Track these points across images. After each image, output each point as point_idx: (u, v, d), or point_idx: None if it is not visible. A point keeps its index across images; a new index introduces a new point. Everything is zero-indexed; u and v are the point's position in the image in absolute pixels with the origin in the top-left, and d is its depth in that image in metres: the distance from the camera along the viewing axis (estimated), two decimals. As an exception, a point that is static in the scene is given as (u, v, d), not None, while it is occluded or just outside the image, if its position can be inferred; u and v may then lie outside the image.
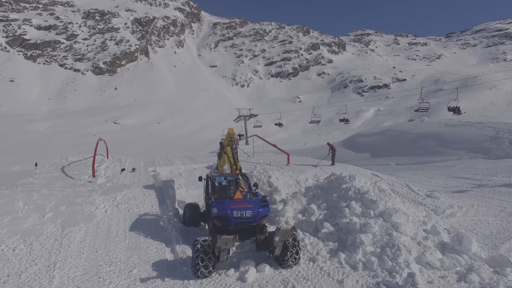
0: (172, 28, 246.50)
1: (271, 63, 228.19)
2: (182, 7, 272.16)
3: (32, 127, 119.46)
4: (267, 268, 7.40)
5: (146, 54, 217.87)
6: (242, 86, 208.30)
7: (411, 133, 42.83)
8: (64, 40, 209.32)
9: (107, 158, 22.13)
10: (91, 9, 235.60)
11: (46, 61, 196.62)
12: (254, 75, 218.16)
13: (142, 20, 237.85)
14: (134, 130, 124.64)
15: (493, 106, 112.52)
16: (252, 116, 46.77)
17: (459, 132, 36.86)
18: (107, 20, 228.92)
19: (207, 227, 9.77)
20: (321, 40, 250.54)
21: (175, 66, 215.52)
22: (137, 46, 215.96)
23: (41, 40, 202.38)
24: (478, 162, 25.95)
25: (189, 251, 8.06)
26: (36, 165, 47.19)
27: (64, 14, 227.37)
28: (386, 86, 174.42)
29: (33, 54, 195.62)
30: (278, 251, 7.33)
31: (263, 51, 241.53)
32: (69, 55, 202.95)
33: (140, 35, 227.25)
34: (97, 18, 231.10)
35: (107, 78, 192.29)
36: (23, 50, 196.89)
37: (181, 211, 10.81)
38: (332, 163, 16.80)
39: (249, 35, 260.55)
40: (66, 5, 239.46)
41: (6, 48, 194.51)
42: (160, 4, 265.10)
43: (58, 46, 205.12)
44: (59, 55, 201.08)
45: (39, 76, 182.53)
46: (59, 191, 11.17)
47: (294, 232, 7.53)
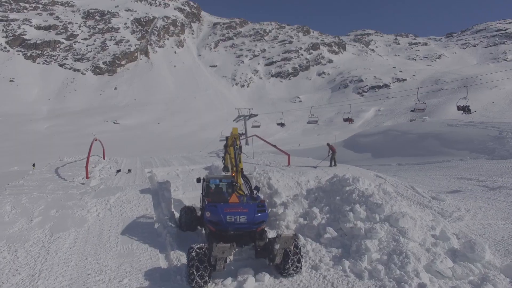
0: (172, 28, 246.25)
1: (271, 63, 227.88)
2: (182, 7, 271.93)
3: (32, 127, 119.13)
4: (266, 277, 6.95)
5: (146, 54, 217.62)
6: (242, 86, 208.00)
7: (412, 133, 42.47)
8: (64, 40, 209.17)
9: (103, 158, 21.67)
10: (91, 9, 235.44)
11: (46, 61, 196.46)
12: (254, 75, 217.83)
13: (142, 20, 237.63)
14: (134, 130, 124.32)
15: (493, 106, 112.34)
16: (252, 116, 46.40)
17: (461, 132, 36.50)
18: (107, 20, 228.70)
19: (203, 231, 9.32)
20: (321, 40, 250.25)
21: (175, 66, 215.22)
22: (137, 46, 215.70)
23: (40, 40, 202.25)
24: (481, 162, 25.59)
25: (184, 258, 7.61)
26: (34, 165, 46.79)
27: (64, 14, 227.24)
28: (387, 86, 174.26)
29: (32, 54, 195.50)
30: (278, 259, 6.87)
31: (263, 51, 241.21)
32: (69, 55, 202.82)
33: (140, 35, 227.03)
34: (97, 18, 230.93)
35: (107, 78, 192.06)
36: (22, 50, 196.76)
37: (177, 215, 10.33)
38: (332, 164, 16.19)
39: (249, 35, 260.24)
40: (66, 5, 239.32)
41: (5, 48, 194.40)
42: (160, 4, 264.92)
43: (58, 46, 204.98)
44: (59, 55, 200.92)
45: (38, 76, 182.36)
46: (49, 194, 10.68)
47: (296, 239, 7.07)
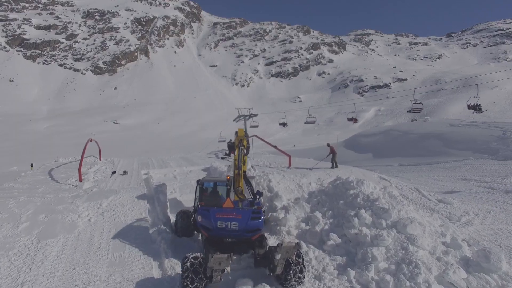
0: (172, 27, 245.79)
1: (271, 63, 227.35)
2: (182, 7, 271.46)
3: (32, 127, 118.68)
4: (266, 289, 6.49)
5: (146, 53, 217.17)
6: (242, 86, 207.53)
7: (414, 133, 42.13)
8: (63, 40, 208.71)
9: (100, 159, 21.19)
10: (90, 8, 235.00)
11: (46, 60, 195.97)
12: (254, 75, 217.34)
13: (142, 19, 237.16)
14: (134, 130, 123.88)
15: (494, 106, 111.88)
16: (252, 116, 45.88)
17: (464, 132, 36.17)
18: (107, 20, 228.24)
19: (200, 237, 8.84)
20: (321, 40, 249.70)
21: (175, 66, 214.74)
22: (137, 46, 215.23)
23: (40, 39, 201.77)
24: (485, 163, 25.18)
25: (178, 267, 7.13)
26: (32, 166, 46.34)
27: (63, 13, 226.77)
28: (387, 86, 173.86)
29: (32, 54, 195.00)
30: (279, 270, 6.40)
31: (263, 50, 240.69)
32: (68, 54, 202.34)
33: (140, 35, 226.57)
34: (96, 17, 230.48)
35: (107, 78, 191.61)
36: (22, 50, 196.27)
37: (173, 219, 9.85)
38: (333, 165, 15.66)
39: (249, 34, 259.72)
40: (66, 4, 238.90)
41: (5, 47, 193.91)
42: (160, 4, 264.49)
43: (57, 45, 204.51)
44: (59, 55, 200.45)
45: (38, 76, 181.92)
46: (39, 197, 10.19)
47: (298, 248, 6.60)
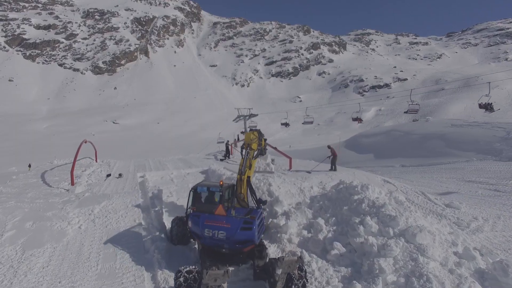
0: (172, 27, 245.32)
1: (272, 63, 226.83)
2: (182, 7, 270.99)
3: (32, 127, 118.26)
4: (266, 305, 6.04)
5: (146, 53, 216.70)
6: (242, 86, 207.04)
7: (416, 133, 41.60)
8: (63, 40, 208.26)
9: (96, 161, 20.70)
10: (90, 8, 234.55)
11: (45, 60, 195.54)
12: (254, 74, 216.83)
13: (142, 19, 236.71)
14: (134, 130, 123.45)
15: (495, 106, 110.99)
16: (252, 116, 45.34)
17: (467, 133, 35.69)
18: (107, 20, 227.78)
19: (196, 245, 8.36)
20: (321, 39, 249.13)
21: (175, 66, 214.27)
22: (136, 46, 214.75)
23: (40, 39, 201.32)
24: (489, 164, 24.68)
25: (172, 280, 6.66)
26: (30, 166, 45.87)
27: (63, 13, 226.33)
28: (387, 85, 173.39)
29: (32, 54, 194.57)
30: (280, 285, 5.94)
31: (263, 50, 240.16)
32: (68, 54, 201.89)
33: (139, 35, 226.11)
34: (96, 17, 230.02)
35: (107, 78, 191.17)
36: (22, 50, 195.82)
37: (169, 226, 9.33)
38: (331, 168, 15.07)
39: (249, 34, 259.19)
40: (66, 4, 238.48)
41: (5, 47, 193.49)
42: (160, 4, 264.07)
43: (57, 45, 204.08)
44: (58, 55, 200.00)
45: (38, 75, 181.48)
46: (28, 203, 9.67)
47: (301, 263, 6.14)
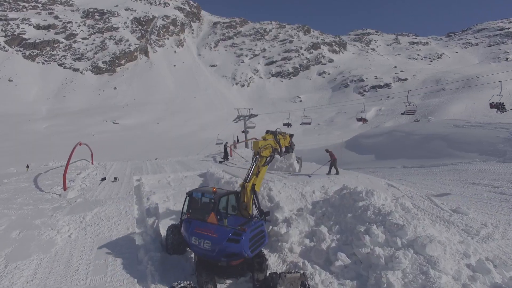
0: (172, 27, 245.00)
1: (272, 63, 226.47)
2: (182, 6, 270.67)
3: (32, 127, 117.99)
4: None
5: (146, 53, 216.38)
6: (242, 86, 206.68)
7: (417, 134, 41.15)
8: (63, 40, 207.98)
9: (92, 163, 20.26)
10: (90, 8, 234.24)
11: (45, 60, 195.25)
12: (254, 74, 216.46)
13: (142, 19, 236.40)
14: (133, 130, 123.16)
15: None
16: (252, 116, 44.86)
17: (469, 134, 35.23)
18: (107, 20, 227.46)
19: (192, 255, 7.91)
20: (321, 39, 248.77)
21: (175, 66, 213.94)
22: (136, 46, 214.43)
23: (40, 39, 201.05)
24: (492, 166, 24.20)
25: (166, 295, 6.26)
26: (28, 167, 45.45)
27: (63, 13, 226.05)
28: (387, 85, 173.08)
29: (31, 54, 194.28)
30: None
31: (264, 50, 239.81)
32: (68, 54, 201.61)
33: (139, 35, 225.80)
34: (96, 17, 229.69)
35: (106, 78, 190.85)
36: (21, 50, 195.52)
37: (164, 233, 8.87)
38: (329, 172, 14.29)
39: (249, 34, 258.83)
40: (65, 4, 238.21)
41: (4, 47, 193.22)
42: (160, 3, 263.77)
43: (57, 45, 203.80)
44: (58, 55, 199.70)
45: (38, 75, 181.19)
46: (16, 210, 9.18)
47: (304, 280, 5.71)
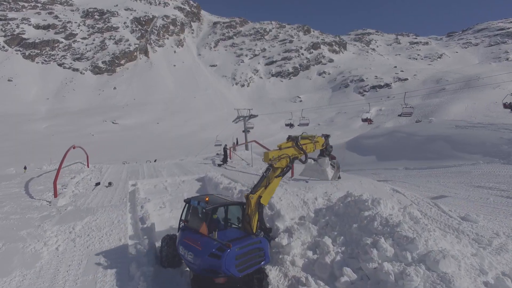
0: (171, 27, 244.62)
1: (272, 63, 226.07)
2: (182, 6, 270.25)
3: (31, 127, 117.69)
4: None
5: (146, 53, 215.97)
6: (242, 86, 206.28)
7: (419, 135, 40.69)
8: (62, 40, 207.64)
9: (87, 166, 19.76)
10: (90, 8, 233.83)
11: (45, 60, 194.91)
12: (254, 74, 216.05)
13: (142, 19, 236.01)
14: (133, 130, 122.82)
15: (496, 106, 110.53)
16: (252, 116, 44.38)
17: (472, 135, 34.77)
18: (106, 19, 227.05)
19: (188, 268, 7.39)
20: (321, 39, 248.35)
21: (174, 66, 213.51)
22: (136, 46, 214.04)
23: (39, 39, 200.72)
24: (497, 168, 23.66)
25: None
26: (25, 168, 44.96)
27: (63, 13, 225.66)
28: (388, 85, 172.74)
29: (31, 54, 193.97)
30: None
31: (263, 50, 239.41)
32: (67, 54, 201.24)
33: (139, 34, 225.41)
34: (96, 17, 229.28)
35: (106, 78, 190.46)
36: (21, 50, 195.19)
37: (159, 244, 8.32)
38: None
39: (249, 34, 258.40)
40: (65, 4, 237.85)
41: (4, 47, 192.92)
42: (159, 3, 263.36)
43: (56, 45, 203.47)
44: (58, 55, 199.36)
45: (37, 75, 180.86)
46: (2, 219, 8.61)
47: None
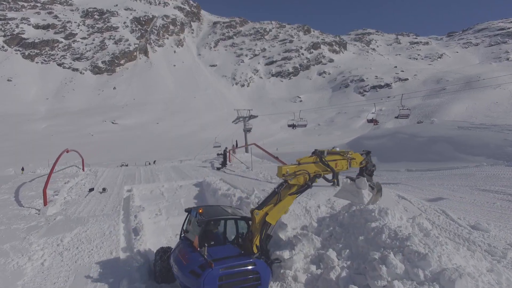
0: (171, 27, 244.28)
1: (272, 63, 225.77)
2: (182, 6, 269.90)
3: (31, 127, 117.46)
4: None
5: (145, 53, 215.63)
6: (242, 86, 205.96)
7: (421, 136, 40.24)
8: (62, 39, 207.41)
9: (83, 170, 19.27)
10: (90, 8, 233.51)
11: (44, 60, 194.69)
12: (254, 74, 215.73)
13: (142, 19, 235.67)
14: (133, 130, 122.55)
15: (497, 106, 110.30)
16: (252, 117, 43.95)
17: (475, 136, 34.38)
18: (106, 19, 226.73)
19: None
20: (321, 39, 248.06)
21: (174, 66, 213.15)
22: (136, 45, 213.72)
23: (39, 39, 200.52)
24: (501, 170, 23.12)
25: None
26: (23, 170, 44.57)
27: (62, 13, 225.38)
28: (388, 85, 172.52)
29: (31, 53, 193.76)
30: None
31: (264, 50, 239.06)
32: (67, 54, 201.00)
33: (139, 34, 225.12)
34: (96, 17, 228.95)
35: (106, 78, 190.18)
36: (21, 49, 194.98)
37: (153, 257, 7.72)
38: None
39: (249, 34, 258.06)
40: (65, 3, 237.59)
41: (3, 47, 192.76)
42: (159, 3, 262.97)
43: (56, 45, 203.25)
44: (57, 54, 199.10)
45: (37, 75, 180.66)
46: (-14, 231, 8.23)
47: None
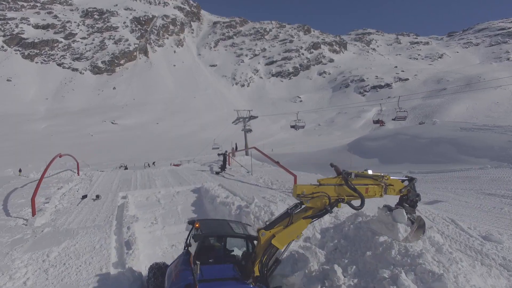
0: (171, 27, 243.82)
1: (272, 63, 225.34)
2: (182, 6, 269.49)
3: (31, 127, 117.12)
4: None
5: (145, 53, 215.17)
6: (242, 86, 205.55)
7: (423, 137, 39.81)
8: (62, 39, 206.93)
9: (78, 174, 18.77)
10: (89, 7, 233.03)
11: (44, 60, 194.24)
12: (254, 74, 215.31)
13: (141, 19, 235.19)
14: (133, 130, 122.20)
15: (498, 106, 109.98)
16: (252, 118, 43.44)
17: (478, 137, 33.96)
18: (106, 19, 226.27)
19: None
20: (322, 39, 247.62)
21: (174, 66, 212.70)
22: (136, 45, 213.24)
23: (38, 39, 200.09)
24: (506, 173, 22.63)
25: None
26: (20, 171, 44.06)
27: (62, 12, 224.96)
28: (388, 85, 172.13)
29: (30, 53, 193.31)
30: None
31: (264, 50, 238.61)
32: (67, 54, 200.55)
33: (139, 34, 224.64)
34: (95, 17, 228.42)
35: (106, 78, 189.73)
36: (20, 49, 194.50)
37: (146, 273, 7.07)
38: None
39: (249, 34, 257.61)
40: (65, 3, 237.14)
41: (3, 47, 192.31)
42: (159, 3, 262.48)
43: (56, 45, 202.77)
44: (57, 54, 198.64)
45: (36, 75, 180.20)
46: (-34, 245, 7.67)
47: None
